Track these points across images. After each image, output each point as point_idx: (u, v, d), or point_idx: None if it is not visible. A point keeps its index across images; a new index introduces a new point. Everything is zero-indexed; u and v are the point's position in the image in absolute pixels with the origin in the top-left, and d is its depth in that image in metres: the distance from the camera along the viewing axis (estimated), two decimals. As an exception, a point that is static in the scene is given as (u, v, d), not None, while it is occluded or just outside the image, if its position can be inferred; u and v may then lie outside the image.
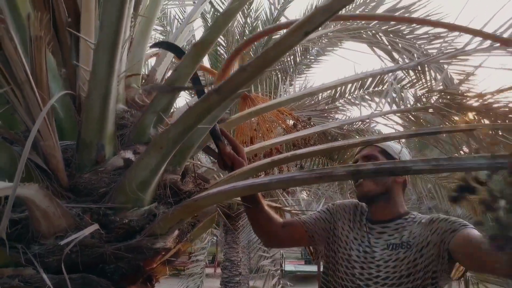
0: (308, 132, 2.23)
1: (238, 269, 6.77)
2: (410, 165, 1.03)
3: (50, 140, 1.20)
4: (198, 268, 5.63)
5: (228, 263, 6.76)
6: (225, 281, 6.82)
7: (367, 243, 1.62)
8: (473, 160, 1.01)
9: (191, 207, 1.33)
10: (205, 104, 1.09)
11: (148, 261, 1.39)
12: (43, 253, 1.23)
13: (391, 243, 1.57)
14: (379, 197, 1.63)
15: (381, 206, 1.65)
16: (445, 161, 1.02)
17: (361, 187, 1.64)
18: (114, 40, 1.04)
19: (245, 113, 1.80)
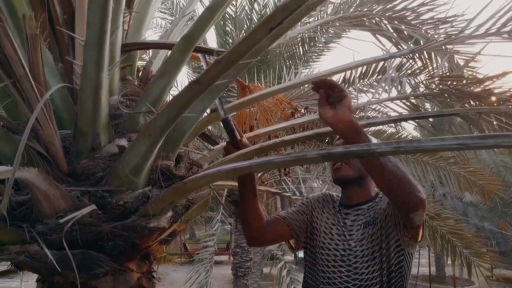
0: (303, 120, 2.32)
1: (249, 255, 6.92)
2: (374, 148, 1.12)
3: (48, 129, 1.32)
4: (207, 254, 5.78)
5: (238, 249, 6.92)
6: (236, 266, 6.99)
7: (343, 226, 1.74)
8: (430, 142, 1.10)
9: (181, 189, 1.44)
10: (187, 95, 1.19)
11: (143, 239, 1.52)
12: (46, 232, 1.36)
13: (363, 222, 1.69)
14: (354, 181, 1.73)
15: (356, 190, 1.76)
16: (405, 143, 1.11)
17: (338, 171, 1.74)
18: (101, 38, 1.15)
19: (238, 102, 1.89)
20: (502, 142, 1.03)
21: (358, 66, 2.10)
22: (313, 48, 7.27)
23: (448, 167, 6.51)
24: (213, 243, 5.88)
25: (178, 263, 18.66)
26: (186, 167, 1.70)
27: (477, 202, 12.36)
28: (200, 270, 5.63)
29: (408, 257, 1.67)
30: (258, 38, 1.04)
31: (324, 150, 1.19)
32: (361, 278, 1.64)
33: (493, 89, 2.65)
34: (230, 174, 1.36)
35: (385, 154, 1.13)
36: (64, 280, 1.49)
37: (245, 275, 7.10)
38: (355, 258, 1.67)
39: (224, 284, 14.59)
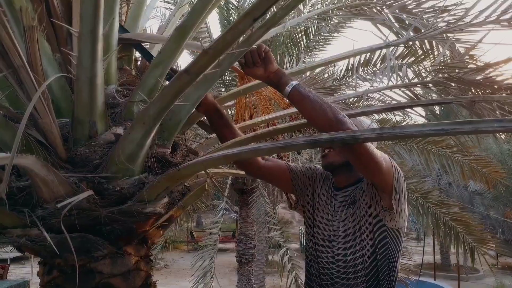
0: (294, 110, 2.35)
1: (253, 242, 7.00)
2: (359, 134, 1.16)
3: (47, 118, 1.37)
4: (212, 241, 5.86)
5: (243, 236, 7.01)
6: (240, 253, 7.08)
7: (332, 207, 1.79)
8: (412, 128, 1.13)
9: (175, 176, 1.48)
10: (178, 84, 1.23)
11: (140, 224, 1.57)
12: (46, 216, 1.41)
13: (348, 203, 1.74)
14: (342, 167, 1.76)
15: (344, 175, 1.79)
16: (388, 129, 1.14)
17: (326, 157, 1.78)
18: (94, 30, 1.19)
19: (235, 91, 1.92)
20: (481, 127, 1.06)
21: (355, 55, 2.12)
22: (317, 37, 7.25)
23: (451, 155, 6.51)
24: (217, 230, 5.96)
25: (185, 251, 18.88)
26: (182, 155, 1.75)
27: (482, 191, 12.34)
28: (204, 257, 5.72)
29: (393, 234, 1.67)
30: (242, 29, 1.07)
31: (310, 137, 1.22)
32: (344, 260, 1.68)
33: (495, 77, 2.65)
34: (221, 161, 1.40)
35: (369, 140, 1.16)
36: (64, 263, 1.55)
37: (249, 262, 7.19)
38: (337, 238, 1.71)
39: (230, 271, 14.75)
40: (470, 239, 5.55)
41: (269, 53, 1.60)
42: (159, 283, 5.80)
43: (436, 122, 1.07)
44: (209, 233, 6.00)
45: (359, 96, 2.56)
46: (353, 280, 1.67)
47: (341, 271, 1.69)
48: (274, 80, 1.60)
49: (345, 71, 6.33)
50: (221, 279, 12.16)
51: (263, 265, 10.04)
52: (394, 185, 1.60)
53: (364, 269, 1.66)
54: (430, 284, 12.39)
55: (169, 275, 14.45)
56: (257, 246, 7.40)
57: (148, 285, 1.69)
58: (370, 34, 2.81)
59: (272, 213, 5.81)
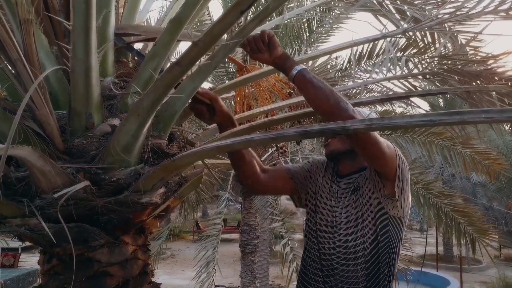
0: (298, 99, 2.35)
1: (256, 233, 7.03)
2: (349, 125, 1.16)
3: (43, 110, 1.38)
4: (215, 231, 5.91)
5: (246, 227, 7.04)
6: (244, 244, 7.11)
7: (334, 194, 1.79)
8: (400, 119, 1.14)
9: (169, 166, 1.50)
10: (170, 76, 1.24)
11: (137, 214, 1.59)
12: (44, 206, 1.43)
13: (351, 190, 1.74)
14: (345, 155, 1.76)
15: (347, 163, 1.80)
16: (377, 120, 1.15)
17: (328, 146, 1.79)
18: (86, 23, 1.20)
19: (231, 83, 1.93)
20: (468, 118, 1.06)
21: (351, 46, 2.12)
22: (319, 29, 7.22)
23: (453, 147, 6.49)
24: (220, 221, 6.00)
25: (191, 241, 19.00)
26: (179, 146, 1.76)
27: (485, 183, 12.30)
28: (207, 247, 5.76)
29: (394, 222, 1.68)
30: (230, 21, 1.08)
31: (301, 128, 1.23)
32: (345, 246, 1.68)
33: (495, 69, 2.64)
34: (214, 152, 1.41)
35: (359, 131, 1.17)
36: (63, 252, 1.57)
37: (253, 252, 7.22)
38: (339, 224, 1.71)
39: (235, 260, 14.83)
40: (471, 230, 5.55)
41: (273, 38, 1.63)
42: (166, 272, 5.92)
43: (424, 113, 1.07)
44: (213, 224, 6.03)
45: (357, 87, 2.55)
46: (353, 267, 1.67)
47: (341, 257, 1.69)
48: (279, 63, 1.66)
49: (348, 63, 6.32)
50: (226, 268, 12.28)
51: (267, 255, 10.09)
52: (398, 173, 1.61)
53: (365, 256, 1.66)
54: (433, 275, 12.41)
55: (175, 264, 14.58)
56: (260, 236, 7.43)
57: (146, 273, 1.71)
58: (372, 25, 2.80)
59: (274, 204, 5.84)
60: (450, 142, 6.48)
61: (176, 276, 12.24)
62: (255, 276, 7.27)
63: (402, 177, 1.63)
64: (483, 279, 13.56)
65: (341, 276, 1.69)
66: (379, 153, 1.55)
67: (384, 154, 1.56)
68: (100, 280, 1.56)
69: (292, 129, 1.24)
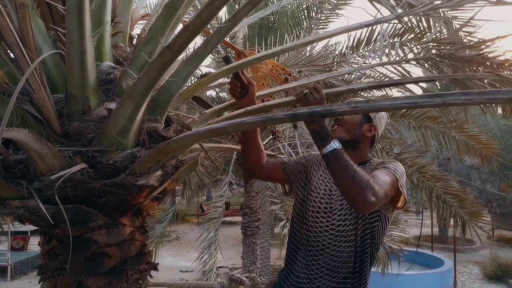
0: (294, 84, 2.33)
1: (257, 215, 7.04)
2: (335, 107, 1.14)
3: (40, 93, 1.36)
4: (216, 214, 5.92)
5: (247, 209, 7.03)
6: (245, 226, 7.12)
7: (332, 183, 1.80)
8: (384, 101, 1.11)
9: (165, 149, 1.48)
10: (162, 59, 1.22)
11: (134, 196, 1.57)
12: (43, 188, 1.42)
13: None
14: (347, 144, 1.72)
15: (348, 153, 1.76)
16: (363, 103, 1.13)
17: (334, 133, 1.77)
18: (80, 6, 1.17)
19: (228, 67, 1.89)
20: (448, 100, 1.04)
21: (345, 32, 2.07)
22: (319, 15, 7.14)
23: (448, 132, 6.46)
24: (222, 204, 6.00)
25: (196, 223, 19.11)
26: (175, 130, 1.74)
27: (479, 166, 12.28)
28: (209, 229, 5.78)
29: (383, 219, 1.76)
30: (218, 5, 1.05)
31: (290, 111, 1.21)
32: (338, 229, 1.74)
33: (486, 54, 2.60)
34: (207, 135, 1.40)
35: (345, 113, 1.15)
36: (62, 233, 1.56)
37: (254, 234, 7.24)
38: (333, 210, 1.76)
39: (238, 243, 14.88)
40: (462, 212, 5.55)
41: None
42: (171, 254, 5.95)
43: (407, 96, 1.06)
44: (215, 206, 6.05)
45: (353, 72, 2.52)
46: (343, 248, 1.74)
47: (333, 238, 1.75)
48: (317, 130, 1.54)
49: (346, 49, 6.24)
50: (229, 250, 12.36)
51: (268, 237, 10.14)
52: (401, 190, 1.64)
53: (356, 239, 1.73)
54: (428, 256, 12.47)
55: (180, 246, 14.68)
56: (262, 219, 7.44)
57: (143, 254, 1.71)
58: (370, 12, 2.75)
59: (273, 187, 5.84)
60: (444, 127, 6.45)
61: (181, 258, 12.32)
62: (256, 258, 7.30)
63: (404, 189, 1.66)
64: (476, 259, 13.63)
65: (331, 255, 1.75)
66: (364, 205, 1.49)
67: (368, 206, 1.50)
68: (98, 260, 1.55)
69: (281, 112, 1.23)
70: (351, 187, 1.46)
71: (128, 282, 1.59)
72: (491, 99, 0.96)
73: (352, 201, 1.50)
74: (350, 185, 1.46)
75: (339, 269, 1.73)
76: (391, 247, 5.35)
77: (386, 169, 1.62)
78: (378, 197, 1.47)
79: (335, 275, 1.74)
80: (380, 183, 1.50)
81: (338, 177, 1.50)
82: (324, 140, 1.50)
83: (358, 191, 1.44)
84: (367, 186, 1.44)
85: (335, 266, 1.73)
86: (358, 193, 1.45)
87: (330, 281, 1.74)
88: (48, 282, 1.57)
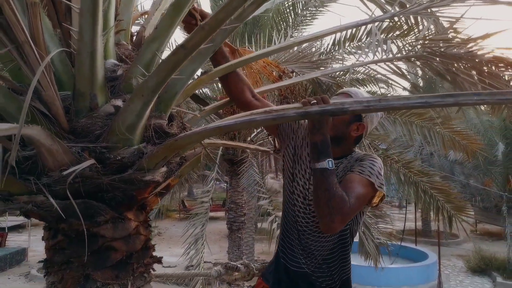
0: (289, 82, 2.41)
1: (243, 210, 7.15)
2: (347, 106, 1.22)
3: (49, 91, 1.41)
4: (203, 209, 5.98)
5: (233, 205, 7.15)
6: (231, 221, 7.24)
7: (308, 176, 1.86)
8: (397, 100, 1.20)
9: (172, 145, 1.54)
10: (174, 58, 1.28)
11: (140, 191, 1.64)
12: (51, 183, 1.47)
13: None
14: (331, 140, 1.73)
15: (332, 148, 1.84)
16: (375, 102, 1.21)
17: None
18: (94, 6, 1.22)
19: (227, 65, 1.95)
20: (461, 100, 1.13)
21: (341, 30, 2.16)
22: (304, 12, 7.22)
23: (433, 127, 6.63)
24: (208, 199, 6.07)
25: (177, 219, 19.13)
26: (178, 126, 1.80)
27: (462, 161, 12.61)
28: (196, 224, 5.84)
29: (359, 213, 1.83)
30: (235, 6, 1.12)
31: (301, 108, 1.29)
32: (312, 216, 1.82)
33: (476, 51, 2.72)
34: (216, 132, 1.46)
35: (356, 112, 1.23)
36: (68, 227, 1.61)
37: (239, 229, 7.36)
38: (310, 201, 1.81)
39: (221, 238, 15.04)
40: (449, 207, 5.74)
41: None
42: (153, 250, 5.79)
43: (420, 95, 1.13)
44: (201, 202, 6.11)
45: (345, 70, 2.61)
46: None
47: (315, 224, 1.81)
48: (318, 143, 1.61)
49: (332, 45, 6.36)
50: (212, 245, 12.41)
51: (253, 232, 10.25)
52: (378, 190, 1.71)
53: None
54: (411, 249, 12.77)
55: (162, 242, 14.70)
56: (247, 214, 7.55)
57: (147, 248, 1.77)
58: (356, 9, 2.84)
59: (261, 183, 5.93)
60: (430, 123, 6.63)
61: (163, 253, 12.25)
62: (242, 252, 7.42)
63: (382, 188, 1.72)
64: (460, 252, 14.04)
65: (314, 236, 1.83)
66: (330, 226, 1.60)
67: (332, 229, 1.63)
68: (105, 254, 1.61)
69: (292, 110, 1.30)
70: (323, 209, 1.58)
71: (134, 275, 1.66)
72: (501, 100, 1.05)
73: (320, 220, 1.64)
74: (323, 207, 1.58)
75: (320, 252, 1.83)
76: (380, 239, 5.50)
77: (361, 175, 1.68)
78: (344, 222, 1.62)
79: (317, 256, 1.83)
80: (353, 202, 1.61)
81: (317, 194, 1.61)
82: (320, 156, 1.58)
83: (328, 215, 1.57)
84: (338, 213, 1.56)
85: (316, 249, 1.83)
86: (327, 216, 1.58)
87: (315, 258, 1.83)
88: (54, 275, 1.62)
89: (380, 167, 1.73)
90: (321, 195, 1.57)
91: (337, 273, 1.84)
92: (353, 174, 1.69)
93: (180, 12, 1.54)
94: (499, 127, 11.60)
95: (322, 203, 1.57)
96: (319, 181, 1.58)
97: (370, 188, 1.68)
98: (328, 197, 1.55)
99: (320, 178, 1.58)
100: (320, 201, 1.58)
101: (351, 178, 1.68)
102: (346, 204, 1.56)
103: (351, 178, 1.68)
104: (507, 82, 2.67)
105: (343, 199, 1.56)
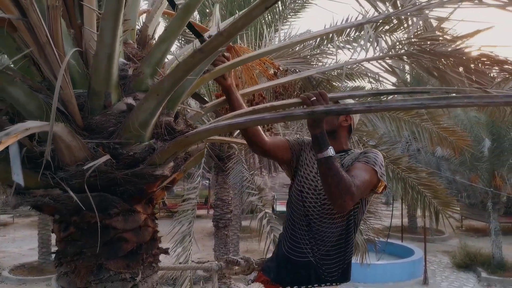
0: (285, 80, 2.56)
1: (229, 207, 7.31)
2: (351, 106, 1.39)
3: (67, 89, 1.54)
4: (190, 206, 6.11)
5: (219, 202, 7.29)
6: (217, 218, 7.38)
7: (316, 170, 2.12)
8: (395, 102, 1.37)
9: (183, 142, 1.69)
10: (192, 61, 1.42)
11: (150, 185, 1.78)
12: (67, 178, 1.60)
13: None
14: (327, 134, 1.94)
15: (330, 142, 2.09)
16: (376, 103, 1.38)
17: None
18: (116, 11, 1.36)
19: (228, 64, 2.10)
20: (453, 102, 1.31)
21: (337, 31, 2.32)
22: (292, 6, 7.40)
23: (421, 124, 6.88)
24: (195, 196, 6.20)
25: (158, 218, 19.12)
26: (184, 123, 1.94)
27: (449, 157, 12.99)
28: (182, 221, 5.96)
29: (364, 201, 2.13)
30: (255, 15, 1.27)
31: (308, 108, 1.45)
32: (322, 205, 2.09)
33: (463, 49, 2.92)
34: (226, 129, 1.61)
35: (360, 112, 1.40)
36: (80, 220, 1.74)
37: (226, 227, 7.51)
38: (320, 190, 2.09)
39: (204, 236, 15.14)
40: (435, 202, 5.99)
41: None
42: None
43: (416, 98, 1.31)
44: (187, 199, 6.23)
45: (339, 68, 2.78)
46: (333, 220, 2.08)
47: (325, 212, 2.09)
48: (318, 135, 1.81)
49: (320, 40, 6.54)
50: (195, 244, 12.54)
51: (237, 230, 10.42)
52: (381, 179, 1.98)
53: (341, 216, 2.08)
54: (398, 245, 13.12)
55: (143, 241, 14.69)
56: (232, 211, 7.71)
57: (155, 239, 1.92)
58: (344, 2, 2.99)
59: (250, 179, 6.09)
60: (418, 119, 6.88)
61: (144, 252, 12.36)
62: (229, 250, 7.57)
63: (384, 177, 2.00)
64: (446, 248, 14.49)
65: (324, 223, 2.09)
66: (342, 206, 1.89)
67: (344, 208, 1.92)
68: (117, 244, 1.75)
69: (300, 110, 1.46)
70: (334, 192, 1.84)
71: (143, 264, 1.80)
72: (489, 102, 1.23)
73: (333, 202, 1.93)
74: (334, 190, 1.83)
75: (329, 238, 2.09)
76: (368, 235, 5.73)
77: (366, 164, 1.96)
78: (354, 200, 1.89)
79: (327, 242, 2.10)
80: (359, 184, 1.88)
81: (326, 181, 1.87)
82: (321, 146, 1.82)
83: (340, 197, 1.83)
84: (347, 193, 1.82)
85: (326, 236, 2.09)
86: (339, 198, 1.84)
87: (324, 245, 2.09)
88: (67, 266, 1.75)
89: (382, 160, 2.00)
90: (330, 181, 1.81)
91: (340, 261, 2.08)
92: (360, 162, 1.96)
93: (189, 14, 1.68)
94: (485, 123, 11.98)
95: (334, 188, 1.81)
96: (326, 169, 1.82)
97: (374, 175, 1.94)
98: (337, 181, 1.79)
99: (326, 165, 1.81)
100: (331, 187, 1.83)
101: (358, 165, 1.96)
102: (352, 185, 1.81)
103: (358, 166, 1.96)
104: (493, 79, 2.88)
105: (349, 181, 1.81)
